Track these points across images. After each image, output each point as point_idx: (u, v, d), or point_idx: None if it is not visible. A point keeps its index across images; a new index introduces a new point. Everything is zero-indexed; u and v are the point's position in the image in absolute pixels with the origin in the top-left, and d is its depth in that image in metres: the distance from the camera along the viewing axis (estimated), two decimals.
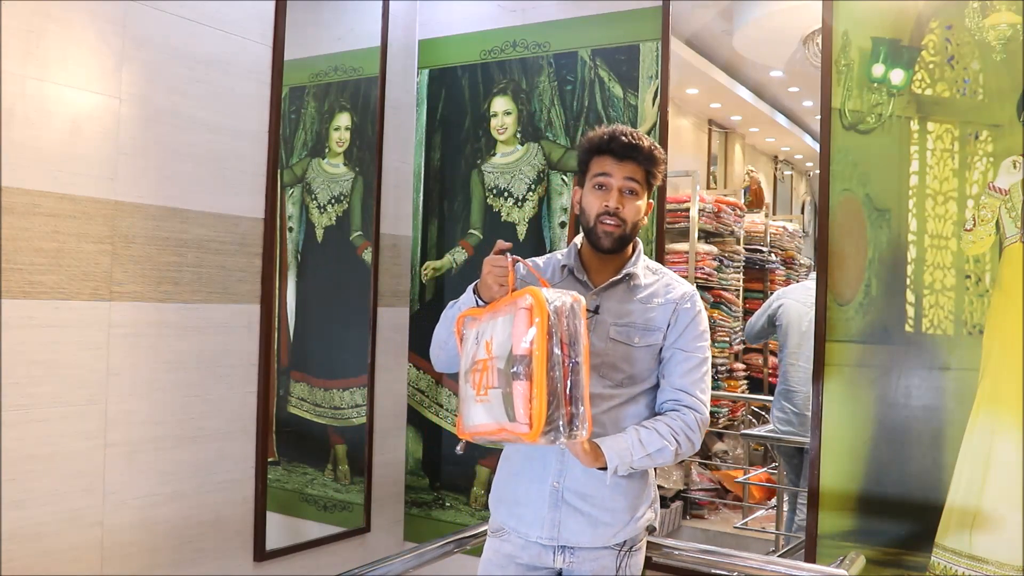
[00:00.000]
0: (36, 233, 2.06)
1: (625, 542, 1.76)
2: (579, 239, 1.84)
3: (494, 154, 3.11)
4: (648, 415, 1.76)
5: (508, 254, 1.62)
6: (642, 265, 1.81)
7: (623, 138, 1.72)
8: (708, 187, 4.48)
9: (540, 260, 1.89)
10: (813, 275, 3.41)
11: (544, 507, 1.74)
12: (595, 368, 1.72)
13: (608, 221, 1.73)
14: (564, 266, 1.82)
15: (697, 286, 3.84)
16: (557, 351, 1.47)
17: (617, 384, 1.74)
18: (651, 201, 1.81)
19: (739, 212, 4.26)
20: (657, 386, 1.79)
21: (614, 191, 1.73)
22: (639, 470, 1.71)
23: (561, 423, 1.46)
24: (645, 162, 1.74)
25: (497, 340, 1.53)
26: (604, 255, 1.77)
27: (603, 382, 1.74)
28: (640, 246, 1.83)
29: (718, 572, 2.49)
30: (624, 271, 1.78)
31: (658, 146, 1.76)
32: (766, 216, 4.80)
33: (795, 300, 3.46)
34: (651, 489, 1.82)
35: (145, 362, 2.33)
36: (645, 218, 1.80)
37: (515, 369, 1.49)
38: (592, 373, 1.72)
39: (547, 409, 1.45)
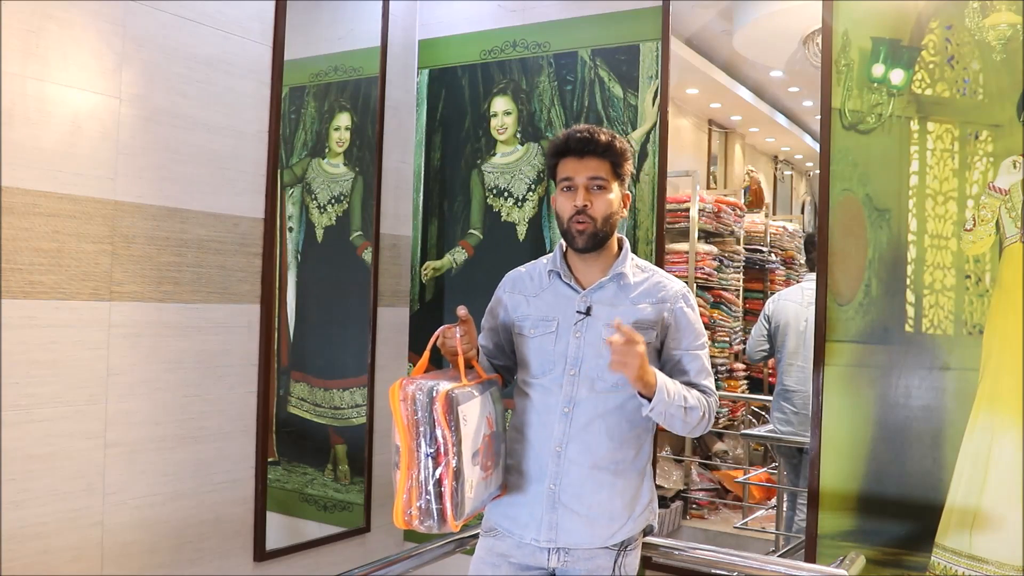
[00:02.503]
0: (36, 233, 2.06)
1: (622, 542, 1.76)
2: (562, 243, 1.84)
3: (494, 154, 3.11)
4: (644, 417, 1.74)
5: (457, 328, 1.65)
6: (631, 264, 1.81)
7: (578, 135, 1.74)
8: (708, 187, 4.48)
9: (524, 268, 1.90)
10: (808, 276, 3.43)
11: (540, 509, 1.74)
12: (588, 370, 1.73)
13: (579, 220, 1.73)
14: (551, 271, 1.82)
15: (697, 286, 3.84)
16: (423, 441, 1.52)
17: (612, 386, 1.73)
18: (628, 193, 1.81)
19: (739, 212, 4.26)
20: None
21: (580, 189, 1.73)
22: (665, 415, 1.67)
23: (434, 508, 1.52)
24: (605, 154, 1.74)
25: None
26: (587, 255, 1.77)
27: (597, 385, 1.73)
28: (627, 244, 1.83)
29: (718, 572, 2.49)
30: (613, 271, 1.78)
31: (619, 137, 1.77)
32: (766, 216, 4.79)
33: (790, 300, 3.46)
34: (648, 489, 1.82)
35: (145, 362, 2.33)
36: (624, 211, 1.80)
37: (393, 458, 1.56)
38: (584, 377, 1.73)
39: (404, 496, 1.52)
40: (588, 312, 1.75)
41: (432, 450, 1.51)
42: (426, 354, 1.65)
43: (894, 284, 2.28)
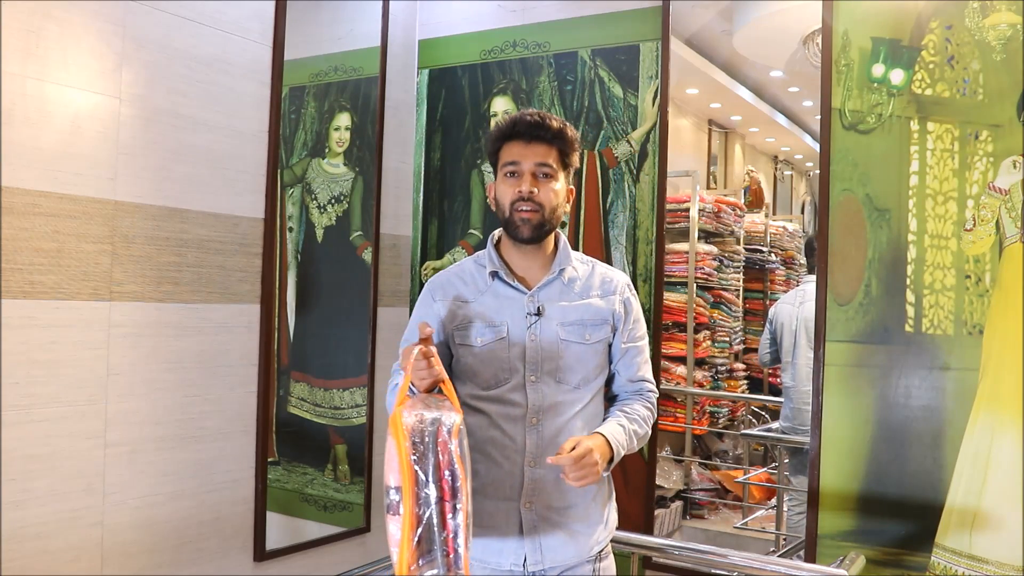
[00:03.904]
0: (36, 233, 2.06)
1: (599, 552, 1.70)
2: (493, 237, 1.73)
3: None
4: (602, 415, 1.72)
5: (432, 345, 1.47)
6: (573, 258, 1.72)
7: (528, 118, 1.63)
8: (708, 187, 4.48)
9: (450, 272, 1.75)
10: (805, 278, 3.48)
11: (516, 531, 1.62)
12: (549, 374, 1.64)
13: (523, 207, 1.62)
14: (492, 272, 1.69)
15: (697, 286, 3.84)
16: (427, 480, 1.34)
17: (575, 387, 1.66)
18: (571, 188, 1.72)
19: (739, 212, 4.26)
20: (605, 382, 1.74)
21: (526, 175, 1.62)
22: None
23: (439, 559, 1.34)
24: (555, 141, 1.64)
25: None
26: (527, 251, 1.67)
27: (559, 388, 1.65)
28: (563, 238, 1.73)
29: (718, 572, 2.50)
30: (556, 267, 1.69)
31: (569, 125, 1.67)
32: (766, 216, 4.79)
33: (786, 303, 3.55)
34: (608, 483, 1.76)
35: (145, 362, 2.33)
36: (566, 205, 1.69)
37: (387, 501, 1.36)
38: (548, 380, 1.64)
39: (409, 548, 1.33)
40: (539, 312, 1.66)
41: (439, 493, 1.35)
42: (407, 379, 1.45)
43: (894, 284, 2.28)
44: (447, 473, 1.35)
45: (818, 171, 2.42)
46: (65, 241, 2.12)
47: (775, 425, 3.56)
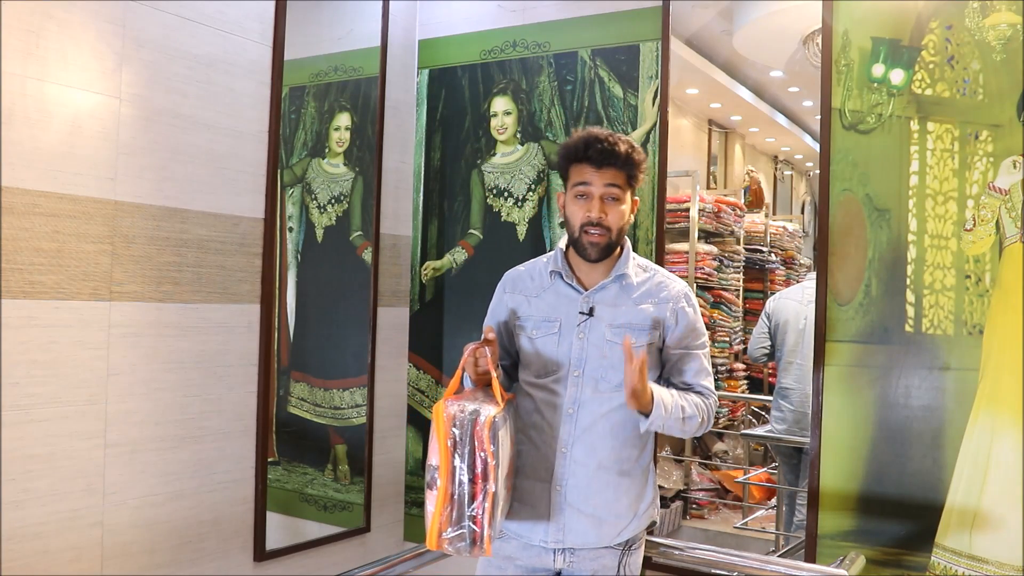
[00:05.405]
0: (36, 233, 2.06)
1: (627, 541, 1.77)
2: (564, 241, 1.84)
3: (494, 154, 3.11)
4: None
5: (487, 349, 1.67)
6: (633, 264, 1.80)
7: (599, 144, 1.70)
8: (708, 187, 4.48)
9: (524, 267, 1.89)
10: (810, 275, 3.43)
11: (546, 510, 1.74)
12: (591, 371, 1.74)
13: (593, 231, 1.72)
14: (552, 271, 1.81)
15: (697, 286, 3.84)
16: (462, 464, 1.53)
17: (615, 387, 1.73)
18: (636, 199, 1.80)
19: (739, 212, 4.26)
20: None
21: (596, 200, 1.72)
22: (663, 427, 1.70)
23: (467, 532, 1.53)
24: (624, 166, 1.72)
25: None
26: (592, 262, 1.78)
27: (600, 385, 1.73)
28: (628, 245, 1.82)
29: (718, 572, 2.49)
30: (615, 272, 1.77)
31: (636, 146, 1.75)
32: (766, 216, 4.79)
33: (791, 298, 3.46)
34: (651, 487, 1.83)
35: (145, 362, 2.33)
36: (631, 218, 1.79)
37: (428, 478, 1.57)
38: (588, 378, 1.74)
39: (440, 519, 1.53)
40: (591, 313, 1.75)
41: (471, 475, 1.53)
42: (458, 374, 1.65)
43: (894, 284, 2.28)
44: (480, 459, 1.54)
45: (818, 171, 2.42)
46: (65, 241, 2.12)
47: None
